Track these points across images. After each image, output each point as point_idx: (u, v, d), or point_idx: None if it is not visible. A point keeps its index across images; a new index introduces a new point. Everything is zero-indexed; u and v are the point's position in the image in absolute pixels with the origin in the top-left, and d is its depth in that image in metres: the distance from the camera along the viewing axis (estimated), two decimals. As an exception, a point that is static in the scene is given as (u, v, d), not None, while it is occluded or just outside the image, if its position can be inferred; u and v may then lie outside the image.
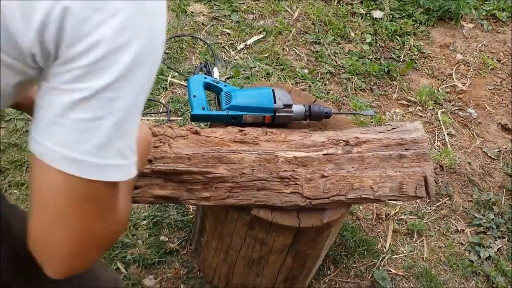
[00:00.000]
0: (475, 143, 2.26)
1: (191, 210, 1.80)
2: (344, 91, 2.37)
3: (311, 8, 2.74)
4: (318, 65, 2.47)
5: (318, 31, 2.62)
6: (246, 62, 2.39)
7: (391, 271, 1.76)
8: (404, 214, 1.94)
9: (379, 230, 1.88)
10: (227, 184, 1.14)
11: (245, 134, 1.21)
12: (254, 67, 2.36)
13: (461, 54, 2.71)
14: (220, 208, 1.25)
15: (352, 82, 2.42)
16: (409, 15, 2.82)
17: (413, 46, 2.68)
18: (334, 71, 2.45)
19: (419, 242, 1.87)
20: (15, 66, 0.49)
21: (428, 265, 1.79)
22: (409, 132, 1.27)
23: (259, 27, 2.58)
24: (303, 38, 2.59)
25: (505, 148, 2.25)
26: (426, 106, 2.37)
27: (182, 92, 2.20)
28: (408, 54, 2.64)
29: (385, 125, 1.35)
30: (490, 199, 2.02)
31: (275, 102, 1.26)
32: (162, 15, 0.52)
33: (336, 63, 2.50)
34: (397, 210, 1.94)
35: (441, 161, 2.12)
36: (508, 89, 2.56)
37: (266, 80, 2.31)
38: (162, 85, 2.20)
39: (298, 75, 2.37)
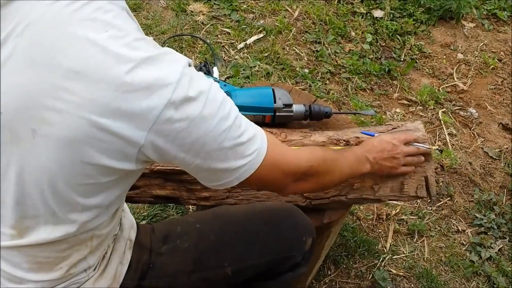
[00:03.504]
0: (476, 143, 2.25)
1: (191, 210, 1.79)
2: (345, 90, 2.37)
3: (311, 8, 2.73)
4: (319, 64, 2.46)
5: (319, 31, 2.61)
6: (246, 61, 2.38)
7: (391, 272, 1.76)
8: (405, 214, 1.93)
9: (380, 231, 1.88)
10: (227, 184, 1.13)
11: (245, 134, 1.20)
12: (254, 66, 2.35)
13: (462, 53, 2.70)
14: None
15: (353, 82, 2.41)
16: (410, 14, 2.81)
17: (414, 45, 2.67)
18: (334, 70, 2.44)
19: (420, 242, 1.86)
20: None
21: (429, 266, 1.79)
22: (410, 132, 1.26)
23: (259, 27, 2.57)
24: (303, 38, 2.58)
25: (506, 148, 2.24)
26: (427, 106, 2.37)
27: (182, 91, 2.19)
28: (409, 54, 2.63)
29: (386, 124, 1.34)
30: (491, 199, 2.01)
31: (275, 102, 1.25)
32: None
33: (337, 62, 2.49)
34: (397, 210, 1.93)
35: (442, 161, 2.12)
36: (509, 88, 2.55)
37: (266, 80, 2.30)
38: (162, 85, 2.19)
39: (298, 74, 2.37)
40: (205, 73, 1.36)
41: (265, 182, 0.87)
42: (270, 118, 1.26)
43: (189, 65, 0.72)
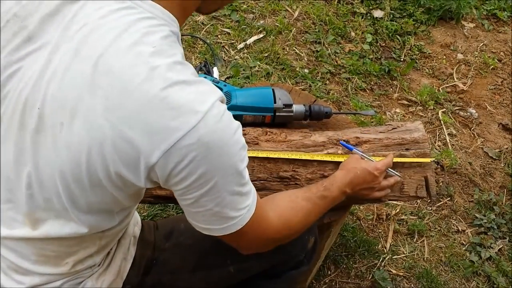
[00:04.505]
0: (476, 143, 2.25)
1: (191, 210, 1.79)
2: (345, 90, 2.37)
3: (311, 8, 2.73)
4: (319, 64, 2.46)
5: (319, 31, 2.61)
6: (246, 61, 2.39)
7: (391, 272, 1.76)
8: (405, 215, 1.93)
9: (380, 231, 1.88)
10: (227, 184, 1.13)
11: (245, 134, 1.20)
12: (254, 66, 2.35)
13: (462, 53, 2.70)
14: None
15: (353, 82, 2.41)
16: (410, 14, 2.81)
17: (414, 45, 2.67)
18: (334, 70, 2.44)
19: (420, 242, 1.86)
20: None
21: (429, 266, 1.79)
22: (410, 132, 1.26)
23: (259, 27, 2.57)
24: (303, 38, 2.58)
25: (506, 148, 2.24)
26: (427, 106, 2.37)
27: (182, 91, 2.20)
28: (409, 54, 2.63)
29: (386, 125, 1.34)
30: (491, 199, 2.01)
31: (275, 102, 1.25)
32: (227, 139, 0.72)
33: (337, 62, 2.49)
34: (397, 210, 1.93)
35: (442, 161, 2.12)
36: (509, 89, 2.55)
37: (266, 80, 2.30)
38: (162, 85, 2.19)
39: (298, 74, 2.37)
40: (205, 73, 1.36)
41: (238, 241, 0.87)
42: (270, 118, 1.26)
43: (221, 101, 0.73)
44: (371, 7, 2.81)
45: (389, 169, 1.15)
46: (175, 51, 0.73)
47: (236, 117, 1.24)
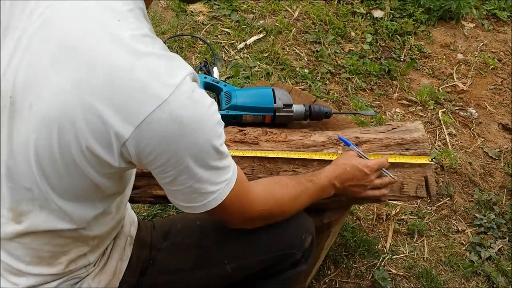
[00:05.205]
0: (476, 143, 2.25)
1: (191, 210, 1.79)
2: (345, 90, 2.37)
3: (311, 8, 2.73)
4: (318, 64, 2.46)
5: (318, 31, 2.61)
6: (246, 61, 2.39)
7: (391, 271, 1.76)
8: (405, 214, 1.93)
9: (380, 230, 1.88)
10: (227, 184, 1.13)
11: (245, 134, 1.20)
12: (254, 66, 2.36)
13: (461, 53, 2.70)
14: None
15: (353, 82, 2.41)
16: (410, 14, 2.81)
17: (414, 45, 2.67)
18: (334, 70, 2.44)
19: (420, 242, 1.86)
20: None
21: (429, 265, 1.79)
22: (410, 132, 1.27)
23: (259, 27, 2.58)
24: (303, 38, 2.59)
25: (506, 148, 2.24)
26: (427, 106, 2.37)
27: (182, 91, 2.19)
28: (409, 54, 2.63)
29: (386, 125, 1.34)
30: (491, 199, 2.01)
31: (275, 102, 1.25)
32: (200, 120, 0.71)
33: (337, 62, 2.49)
34: (397, 210, 1.94)
35: (442, 161, 2.12)
36: (509, 88, 2.55)
37: (266, 80, 2.30)
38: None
39: (298, 74, 2.37)
40: (205, 73, 1.36)
41: (221, 215, 0.86)
42: (270, 118, 1.26)
43: (193, 79, 0.72)
44: (371, 7, 2.81)
45: (384, 169, 1.15)
46: (142, 24, 0.71)
47: (236, 117, 1.25)
